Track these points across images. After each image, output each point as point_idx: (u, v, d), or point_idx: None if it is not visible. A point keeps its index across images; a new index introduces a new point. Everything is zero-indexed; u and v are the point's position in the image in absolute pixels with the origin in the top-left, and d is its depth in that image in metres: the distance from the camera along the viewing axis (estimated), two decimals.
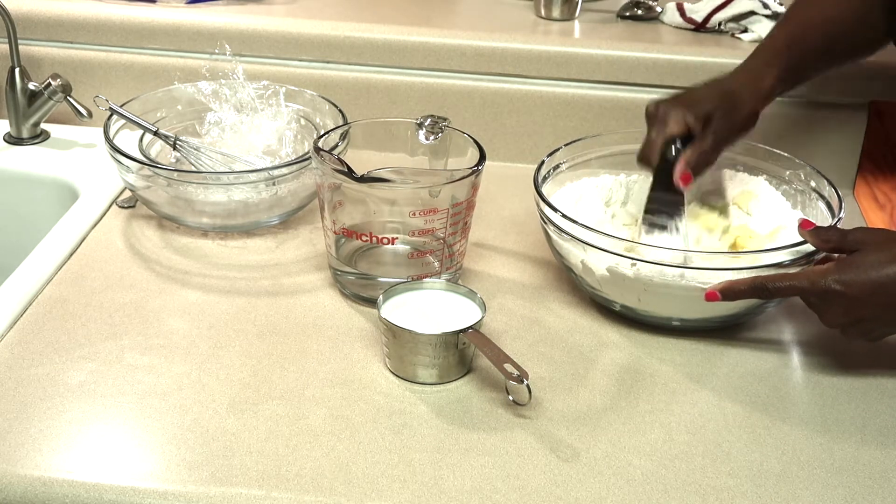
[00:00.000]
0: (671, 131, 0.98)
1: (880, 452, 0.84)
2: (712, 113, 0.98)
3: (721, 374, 0.93)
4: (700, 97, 1.00)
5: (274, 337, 0.95)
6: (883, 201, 1.21)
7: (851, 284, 0.85)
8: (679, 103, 0.99)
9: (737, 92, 1.00)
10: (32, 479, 0.78)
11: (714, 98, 0.99)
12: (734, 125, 1.00)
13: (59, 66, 1.33)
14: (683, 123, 0.98)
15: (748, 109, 1.00)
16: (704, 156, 0.98)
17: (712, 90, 1.01)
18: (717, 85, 1.02)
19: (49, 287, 1.01)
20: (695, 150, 0.97)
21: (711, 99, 0.99)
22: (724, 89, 1.01)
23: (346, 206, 0.97)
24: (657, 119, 0.99)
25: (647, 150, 0.99)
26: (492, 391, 0.89)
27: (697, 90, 1.02)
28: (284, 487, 0.78)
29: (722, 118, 0.98)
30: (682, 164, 0.97)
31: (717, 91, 1.00)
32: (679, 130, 0.98)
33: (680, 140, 0.98)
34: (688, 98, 1.00)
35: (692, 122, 0.97)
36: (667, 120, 0.98)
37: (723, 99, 0.99)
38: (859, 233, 0.88)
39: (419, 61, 1.29)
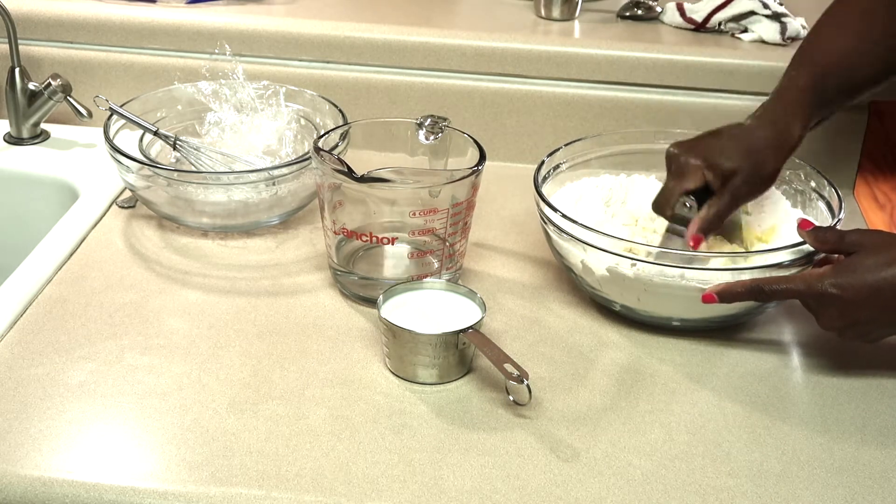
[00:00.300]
0: (688, 186, 0.95)
1: (880, 452, 0.84)
2: (734, 172, 0.95)
3: (721, 374, 0.93)
4: (723, 151, 0.96)
5: (274, 337, 0.95)
6: (883, 201, 1.20)
7: (848, 288, 0.85)
8: (700, 154, 0.96)
9: (762, 151, 0.96)
10: (32, 479, 0.78)
11: (738, 156, 0.95)
12: (755, 186, 0.97)
13: (59, 66, 1.33)
14: (702, 179, 0.95)
15: (771, 169, 0.97)
16: (720, 219, 0.96)
17: (737, 145, 0.96)
18: (743, 139, 0.97)
19: (49, 287, 1.01)
20: (710, 212, 0.95)
21: (735, 157, 0.95)
22: (749, 146, 0.96)
23: (346, 206, 0.97)
24: (676, 169, 0.96)
25: (662, 201, 0.97)
26: (492, 391, 0.89)
27: (721, 140, 0.97)
28: (284, 487, 0.78)
29: (743, 179, 0.95)
30: (696, 226, 0.95)
31: (742, 148, 0.96)
32: (696, 186, 0.95)
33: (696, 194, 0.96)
34: (711, 150, 0.96)
35: (711, 179, 0.95)
36: (686, 173, 0.95)
37: (747, 158, 0.95)
38: (857, 235, 0.88)
39: (419, 61, 1.29)
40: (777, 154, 0.97)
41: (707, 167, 0.95)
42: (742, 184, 0.95)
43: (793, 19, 1.30)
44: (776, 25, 1.29)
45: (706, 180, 0.95)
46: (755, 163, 0.96)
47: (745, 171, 0.95)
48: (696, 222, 0.95)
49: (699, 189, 0.96)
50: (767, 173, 0.97)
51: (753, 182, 0.96)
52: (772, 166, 0.97)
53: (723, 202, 0.95)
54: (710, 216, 0.95)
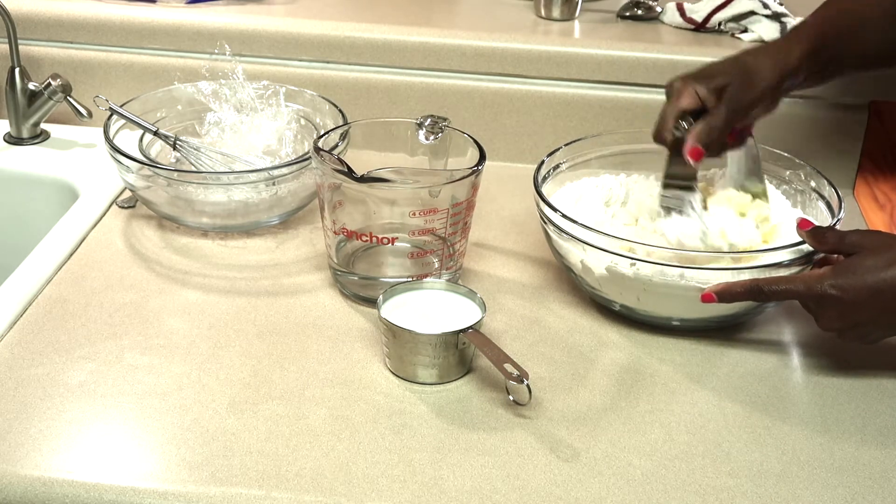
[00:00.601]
0: (682, 105, 0.95)
1: (880, 452, 0.84)
2: (726, 86, 0.94)
3: (721, 374, 0.93)
4: (716, 71, 0.97)
5: (274, 337, 0.95)
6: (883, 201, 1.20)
7: (847, 289, 0.85)
8: (694, 77, 0.97)
9: (756, 65, 0.96)
10: (32, 479, 0.78)
11: (730, 71, 0.96)
12: (749, 99, 0.96)
13: (59, 66, 1.33)
14: (695, 96, 0.95)
15: (766, 83, 0.96)
16: (715, 130, 0.94)
17: (730, 63, 0.97)
18: (737, 58, 0.98)
19: (49, 287, 1.01)
20: (705, 125, 0.94)
21: (727, 72, 0.96)
22: (742, 62, 0.97)
23: (346, 206, 0.97)
24: (670, 94, 0.97)
25: (659, 126, 0.97)
26: (492, 391, 0.89)
27: (716, 64, 0.98)
28: (284, 487, 0.78)
29: (736, 91, 0.95)
30: (692, 138, 0.94)
31: (734, 64, 0.97)
32: (690, 104, 0.95)
33: (693, 115, 0.95)
34: (704, 72, 0.97)
35: (704, 94, 0.94)
36: (679, 94, 0.96)
37: (739, 72, 0.96)
38: (856, 235, 0.88)
39: (419, 61, 1.29)
40: (773, 70, 0.96)
41: (698, 83, 0.95)
42: (735, 95, 0.95)
43: (793, 19, 1.30)
44: (776, 25, 1.29)
45: (700, 98, 0.95)
46: (749, 75, 0.95)
47: (736, 82, 0.95)
48: (692, 135, 0.95)
49: (694, 109, 0.95)
50: (762, 88, 0.96)
51: (748, 94, 0.96)
52: (767, 81, 0.96)
53: (717, 112, 0.95)
54: (706, 127, 0.95)
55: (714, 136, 0.95)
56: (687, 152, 0.94)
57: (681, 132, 0.95)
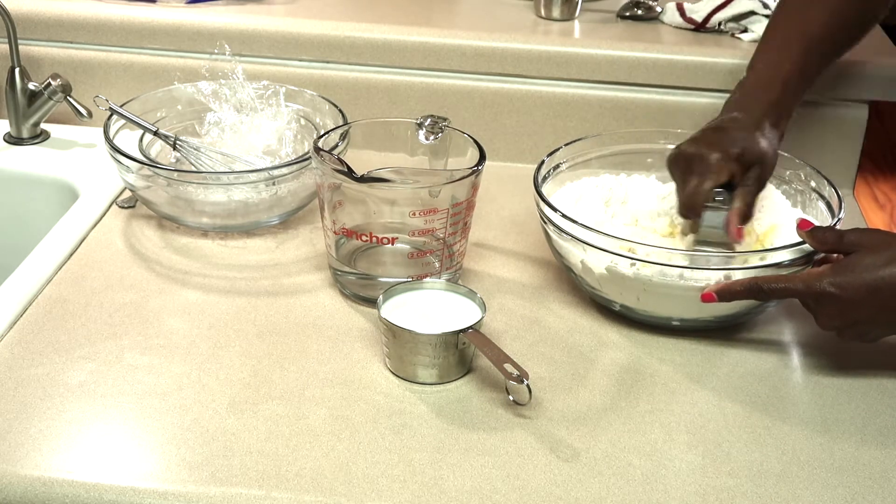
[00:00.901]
0: (720, 179, 0.96)
1: (880, 452, 0.84)
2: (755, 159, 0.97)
3: (721, 374, 0.93)
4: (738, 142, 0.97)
5: (274, 337, 0.95)
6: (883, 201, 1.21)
7: (847, 287, 0.85)
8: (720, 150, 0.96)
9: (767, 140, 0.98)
10: (32, 479, 0.78)
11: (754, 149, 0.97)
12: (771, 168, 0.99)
13: (59, 66, 1.33)
14: (729, 172, 0.96)
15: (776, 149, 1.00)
16: (752, 206, 0.98)
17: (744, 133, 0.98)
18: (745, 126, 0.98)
19: (49, 287, 1.01)
20: (745, 201, 0.96)
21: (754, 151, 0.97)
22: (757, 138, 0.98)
23: (346, 206, 0.97)
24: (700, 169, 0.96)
25: (692, 202, 0.97)
26: (492, 391, 0.89)
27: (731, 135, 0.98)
28: (284, 487, 0.78)
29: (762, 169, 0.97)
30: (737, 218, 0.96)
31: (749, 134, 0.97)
32: (727, 179, 0.96)
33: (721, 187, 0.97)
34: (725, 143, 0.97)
35: (736, 170, 0.96)
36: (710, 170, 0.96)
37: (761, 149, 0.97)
38: (855, 234, 0.89)
39: (419, 61, 1.29)
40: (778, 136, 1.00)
41: (733, 161, 0.96)
42: (762, 168, 0.98)
43: None
44: None
45: (731, 173, 0.96)
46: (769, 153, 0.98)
47: (763, 164, 0.98)
48: (735, 215, 0.96)
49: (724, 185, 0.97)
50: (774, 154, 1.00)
51: (770, 165, 0.99)
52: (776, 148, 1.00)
53: (751, 189, 0.97)
54: (745, 205, 0.97)
55: (751, 214, 0.99)
56: (733, 234, 0.96)
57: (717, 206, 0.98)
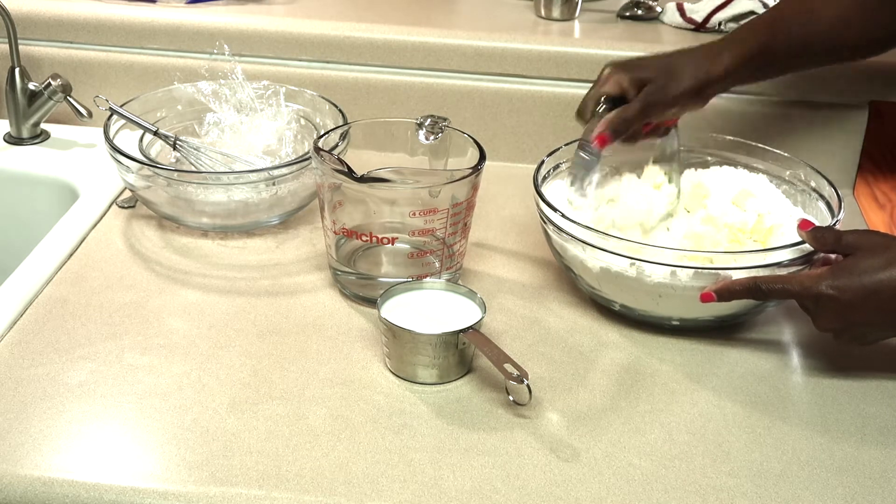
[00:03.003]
0: (604, 90, 1.00)
1: (880, 452, 0.84)
2: (648, 80, 0.99)
3: (721, 374, 0.93)
4: (645, 64, 1.01)
5: (274, 337, 0.95)
6: (883, 201, 1.21)
7: (844, 290, 0.85)
8: (623, 66, 1.01)
9: (679, 68, 1.00)
10: (32, 479, 0.78)
11: (655, 68, 1.00)
12: (665, 99, 0.99)
13: (59, 66, 1.33)
14: (618, 85, 0.99)
15: (686, 86, 1.00)
16: (626, 121, 0.98)
17: (660, 59, 1.02)
18: (667, 56, 1.02)
19: (49, 287, 1.01)
20: (618, 114, 0.98)
21: (652, 68, 1.00)
22: (670, 60, 1.01)
23: (346, 206, 0.97)
24: (598, 78, 1.01)
25: (581, 106, 1.02)
26: (492, 391, 0.89)
27: (648, 57, 1.03)
28: (284, 487, 0.78)
29: (654, 89, 0.99)
30: (602, 125, 0.98)
31: (663, 61, 1.01)
32: (612, 90, 0.99)
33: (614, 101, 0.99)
34: (634, 62, 1.02)
35: (626, 85, 0.99)
36: (605, 80, 1.00)
37: (663, 71, 1.00)
38: (853, 236, 0.88)
39: (419, 61, 1.29)
40: (695, 74, 1.00)
41: (622, 72, 0.99)
42: (653, 92, 0.98)
43: None
44: None
45: (622, 87, 0.99)
46: (671, 76, 0.99)
47: (658, 81, 0.99)
48: (603, 121, 0.98)
49: (616, 95, 0.99)
50: (683, 88, 1.00)
51: (667, 92, 0.99)
52: (689, 83, 1.00)
53: (631, 105, 0.99)
54: (617, 117, 0.98)
55: (624, 126, 0.99)
56: (594, 136, 0.99)
57: (598, 115, 1.00)
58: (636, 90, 0.99)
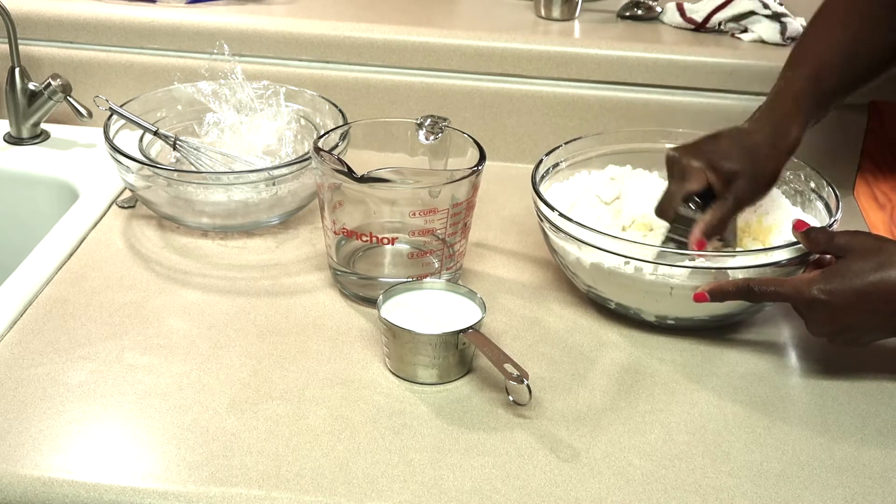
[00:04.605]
0: (691, 188, 0.95)
1: (880, 452, 0.84)
2: (736, 174, 0.94)
3: (721, 374, 0.93)
4: (724, 153, 0.95)
5: (274, 337, 0.95)
6: (883, 201, 1.21)
7: (836, 294, 0.85)
8: (703, 157, 0.95)
9: (762, 152, 0.96)
10: (32, 479, 0.78)
11: (739, 157, 0.95)
12: (757, 188, 0.96)
13: (59, 66, 1.33)
14: (705, 181, 0.95)
15: (772, 169, 0.97)
16: (722, 223, 0.95)
17: (737, 146, 0.96)
18: (742, 139, 0.97)
19: (49, 287, 1.01)
20: (715, 216, 0.94)
21: (736, 158, 0.95)
22: (748, 147, 0.96)
23: (346, 206, 0.97)
24: (679, 171, 0.96)
25: (665, 204, 0.97)
26: (492, 391, 0.89)
27: (721, 143, 0.97)
28: (284, 487, 0.78)
29: (746, 181, 0.95)
30: (700, 230, 0.94)
31: (741, 149, 0.96)
32: (700, 188, 0.95)
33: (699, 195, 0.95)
34: (712, 152, 0.96)
35: (714, 181, 0.94)
36: (688, 175, 0.95)
37: (747, 159, 0.95)
38: (845, 238, 0.88)
39: (419, 61, 1.29)
40: (777, 156, 0.97)
41: (710, 169, 0.95)
42: (745, 186, 0.95)
43: (793, 19, 1.30)
44: (776, 25, 1.29)
45: (709, 182, 0.95)
46: (756, 164, 0.95)
47: (747, 172, 0.95)
48: (700, 226, 0.95)
49: (702, 191, 0.96)
50: (768, 175, 0.97)
51: (755, 184, 0.96)
52: (772, 168, 0.97)
53: (727, 205, 0.95)
54: (714, 220, 0.95)
55: (722, 228, 0.96)
56: (693, 243, 0.94)
57: (689, 214, 0.96)
58: (723, 185, 0.94)
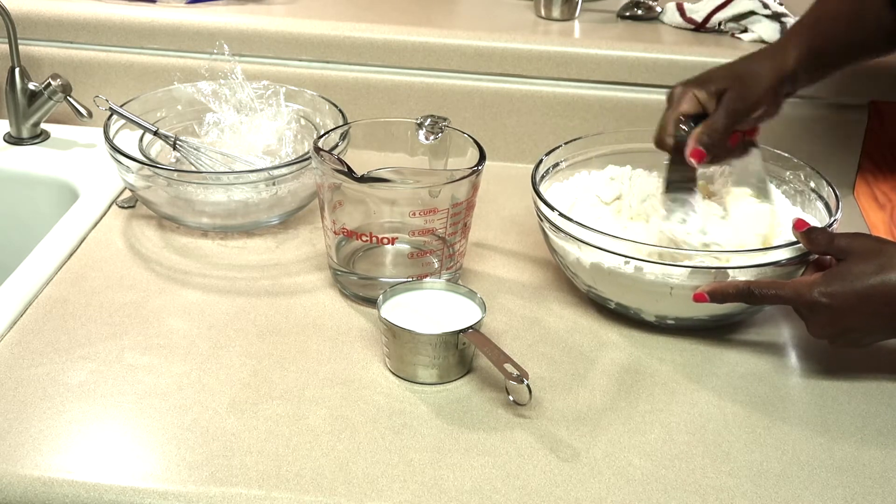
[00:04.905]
0: (682, 109, 0.97)
1: (880, 452, 0.84)
2: (724, 90, 0.97)
3: (721, 374, 0.93)
4: (714, 76, 0.99)
5: (274, 337, 0.95)
6: (883, 201, 1.21)
7: (837, 296, 0.85)
8: (693, 82, 0.99)
9: (753, 70, 0.98)
10: (32, 479, 0.78)
11: (728, 76, 0.98)
12: (748, 103, 0.98)
13: (59, 66, 1.33)
14: (695, 101, 0.97)
15: (765, 86, 0.98)
16: (716, 132, 0.96)
17: (728, 69, 1.00)
18: (734, 64, 1.01)
19: (49, 287, 1.01)
20: (706, 127, 0.96)
21: (725, 77, 0.98)
22: (739, 67, 0.99)
23: (346, 206, 0.97)
24: (670, 99, 0.99)
25: (660, 132, 0.99)
26: (492, 391, 0.89)
27: (713, 70, 1.01)
28: (284, 487, 0.78)
29: (734, 95, 0.97)
30: (693, 140, 0.96)
31: (732, 70, 0.99)
32: (690, 108, 0.97)
33: (693, 119, 0.97)
34: (702, 77, 1.00)
35: (704, 98, 0.97)
36: (679, 99, 0.98)
37: (736, 77, 0.98)
38: (846, 240, 0.88)
39: (419, 61, 1.29)
40: (770, 74, 0.99)
41: (698, 88, 0.97)
42: (735, 98, 0.97)
43: (793, 19, 1.30)
44: (776, 25, 1.29)
45: (700, 102, 0.97)
46: (747, 80, 0.98)
47: (736, 87, 0.97)
48: (693, 137, 0.96)
49: (694, 113, 0.97)
50: (761, 91, 0.98)
51: (746, 98, 0.98)
52: (765, 84, 0.98)
53: (717, 115, 0.97)
54: (707, 128, 0.96)
55: (715, 137, 0.97)
56: (689, 154, 0.96)
57: (681, 136, 0.97)
58: (715, 103, 0.97)
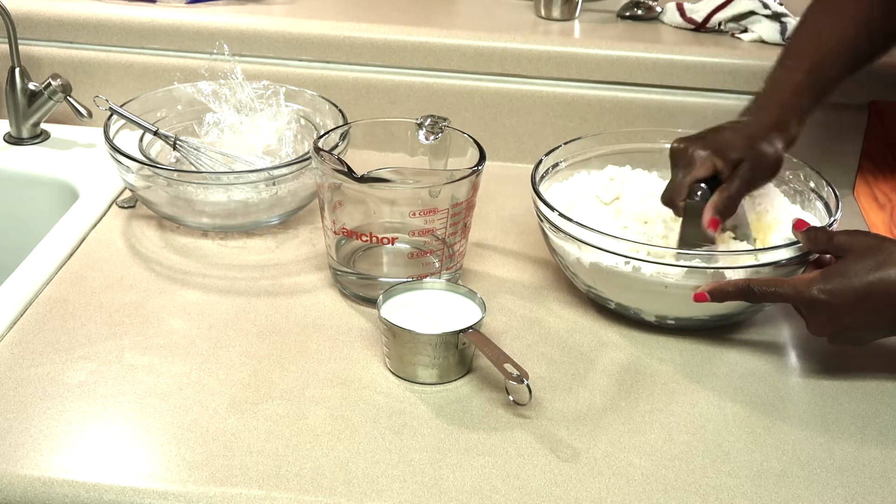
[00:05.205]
0: (699, 174, 0.96)
1: (880, 452, 0.84)
2: (741, 160, 0.96)
3: (721, 374, 0.93)
4: (729, 142, 0.98)
5: (274, 337, 0.95)
6: (883, 201, 1.21)
7: (836, 294, 0.86)
8: (707, 146, 0.97)
9: (763, 141, 0.98)
10: (32, 479, 0.78)
11: (743, 146, 0.97)
12: (762, 173, 0.98)
13: (59, 66, 1.33)
14: (712, 167, 0.96)
15: (773, 158, 0.98)
16: (731, 201, 0.97)
17: (740, 136, 0.98)
18: (744, 130, 0.99)
19: (49, 287, 1.01)
20: (723, 196, 0.96)
21: (741, 146, 0.97)
22: (751, 137, 0.98)
23: (346, 206, 0.97)
24: (685, 161, 0.98)
25: (673, 192, 0.98)
26: (492, 391, 0.89)
27: (725, 134, 0.99)
28: (284, 487, 0.78)
29: (750, 164, 0.97)
30: (711, 209, 0.95)
31: (745, 139, 0.98)
32: (706, 174, 0.96)
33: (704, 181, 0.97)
34: (717, 141, 0.98)
35: (721, 167, 0.96)
36: (695, 163, 0.97)
37: (750, 147, 0.97)
38: (845, 237, 0.89)
39: (419, 61, 1.29)
40: (777, 151, 0.98)
41: (716, 156, 0.97)
42: (751, 169, 0.97)
43: (793, 19, 1.30)
44: (776, 25, 1.29)
45: (716, 169, 0.96)
46: (758, 152, 0.97)
47: (751, 158, 0.97)
48: (710, 206, 0.96)
49: (709, 178, 0.97)
50: (771, 162, 0.98)
51: (759, 169, 0.98)
52: (774, 157, 0.98)
53: (734, 185, 0.96)
54: (724, 198, 0.96)
55: (732, 207, 0.97)
56: (708, 224, 0.96)
57: (696, 200, 0.97)
58: (729, 169, 0.96)
